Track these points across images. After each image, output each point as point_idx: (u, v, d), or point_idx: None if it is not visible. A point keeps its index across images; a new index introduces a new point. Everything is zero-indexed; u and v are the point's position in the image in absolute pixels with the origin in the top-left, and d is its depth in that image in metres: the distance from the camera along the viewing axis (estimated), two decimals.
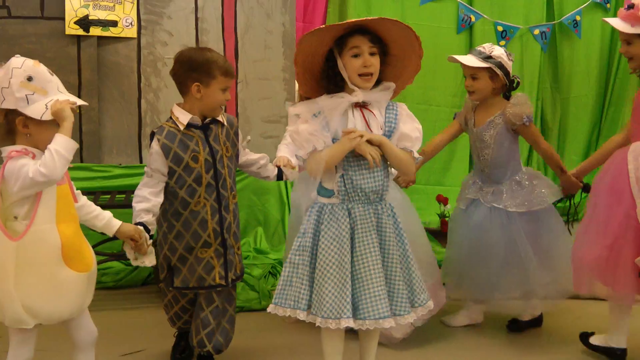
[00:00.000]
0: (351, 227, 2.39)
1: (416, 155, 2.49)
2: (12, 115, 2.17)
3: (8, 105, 2.16)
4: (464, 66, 3.42)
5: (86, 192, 4.01)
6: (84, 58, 4.32)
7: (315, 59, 2.42)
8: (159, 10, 4.46)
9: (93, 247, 3.82)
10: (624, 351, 3.08)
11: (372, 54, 2.37)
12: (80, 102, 2.26)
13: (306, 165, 2.46)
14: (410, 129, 2.45)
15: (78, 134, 4.34)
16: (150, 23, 4.45)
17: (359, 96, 2.38)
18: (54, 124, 2.16)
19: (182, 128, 2.72)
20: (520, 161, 3.56)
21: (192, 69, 2.68)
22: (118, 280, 4.06)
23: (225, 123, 2.84)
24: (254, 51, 4.59)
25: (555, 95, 6.01)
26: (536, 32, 5.71)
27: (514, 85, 3.43)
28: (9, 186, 2.10)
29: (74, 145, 2.15)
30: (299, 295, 2.39)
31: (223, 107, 2.82)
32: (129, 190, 4.08)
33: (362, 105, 2.42)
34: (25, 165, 2.08)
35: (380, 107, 2.45)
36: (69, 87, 4.25)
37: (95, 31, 4.31)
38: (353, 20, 2.36)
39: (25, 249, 2.12)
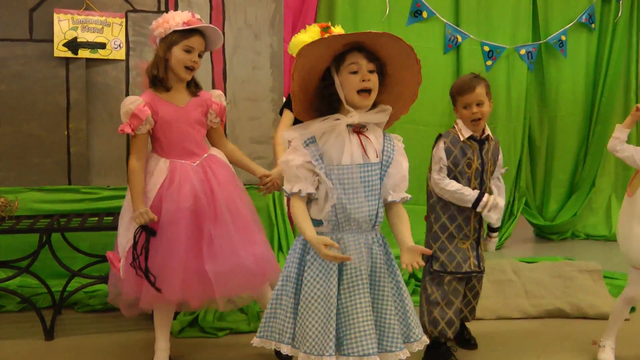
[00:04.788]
0: None
1: (407, 196, 2.41)
2: None
3: None
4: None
5: (74, 214, 4.01)
6: (72, 80, 4.32)
7: (312, 76, 2.32)
8: (147, 32, 4.47)
9: (80, 269, 3.84)
10: None
11: (370, 72, 2.29)
12: None
13: (290, 207, 2.37)
14: (403, 176, 2.38)
15: (66, 156, 4.33)
16: (138, 45, 4.46)
17: (354, 117, 2.30)
18: None
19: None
20: None
21: None
22: (106, 303, 4.03)
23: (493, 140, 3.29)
24: (242, 72, 4.60)
25: (543, 114, 6.08)
26: (522, 52, 5.77)
27: None
28: None
29: None
30: (283, 327, 2.32)
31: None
32: (118, 212, 4.06)
33: (358, 131, 2.33)
34: None
35: (377, 133, 2.38)
36: (57, 109, 4.31)
37: (83, 53, 4.31)
38: (359, 32, 2.25)
39: None
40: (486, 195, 3.18)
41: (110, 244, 4.24)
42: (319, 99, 2.36)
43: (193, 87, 3.16)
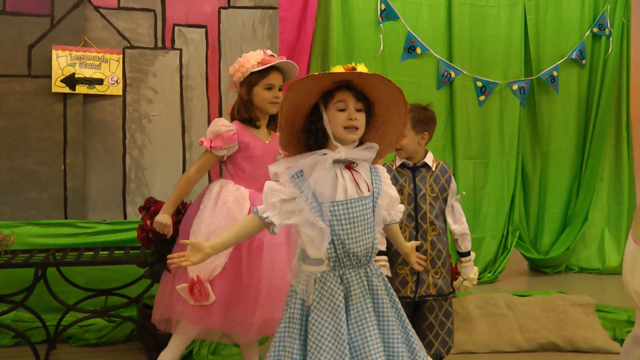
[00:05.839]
0: (344, 294, 2.28)
1: (401, 207, 2.50)
2: None
3: None
4: None
5: (70, 248, 4.02)
6: (69, 115, 4.37)
7: (300, 111, 2.33)
8: (144, 68, 4.54)
9: (75, 303, 3.85)
10: None
11: (357, 110, 2.31)
12: None
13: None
14: (396, 198, 2.45)
15: (62, 191, 4.36)
16: (135, 80, 4.52)
17: (342, 153, 2.30)
18: None
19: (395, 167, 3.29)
20: None
21: None
22: (100, 337, 4.03)
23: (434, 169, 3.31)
24: None
25: (535, 149, 6.13)
26: (515, 87, 5.84)
27: None
28: None
29: None
30: None
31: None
32: (113, 247, 4.08)
33: (350, 167, 2.33)
34: None
35: (365, 167, 2.39)
36: (54, 144, 4.35)
37: (81, 89, 4.37)
38: (349, 72, 2.26)
39: None
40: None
41: (106, 277, 4.26)
42: (305, 133, 2.36)
43: (274, 124, 3.24)
